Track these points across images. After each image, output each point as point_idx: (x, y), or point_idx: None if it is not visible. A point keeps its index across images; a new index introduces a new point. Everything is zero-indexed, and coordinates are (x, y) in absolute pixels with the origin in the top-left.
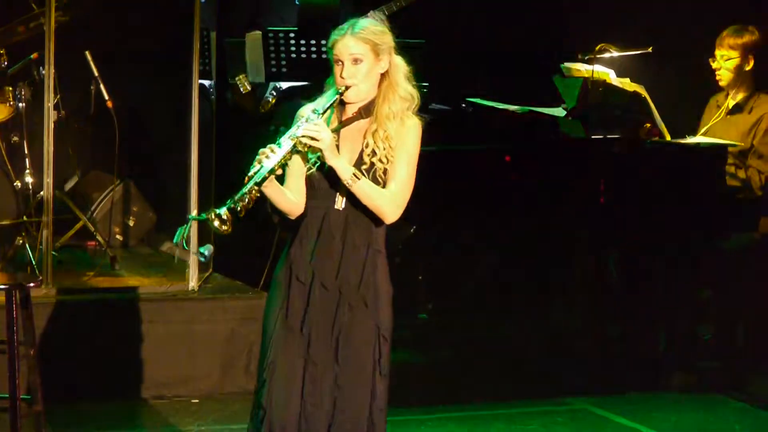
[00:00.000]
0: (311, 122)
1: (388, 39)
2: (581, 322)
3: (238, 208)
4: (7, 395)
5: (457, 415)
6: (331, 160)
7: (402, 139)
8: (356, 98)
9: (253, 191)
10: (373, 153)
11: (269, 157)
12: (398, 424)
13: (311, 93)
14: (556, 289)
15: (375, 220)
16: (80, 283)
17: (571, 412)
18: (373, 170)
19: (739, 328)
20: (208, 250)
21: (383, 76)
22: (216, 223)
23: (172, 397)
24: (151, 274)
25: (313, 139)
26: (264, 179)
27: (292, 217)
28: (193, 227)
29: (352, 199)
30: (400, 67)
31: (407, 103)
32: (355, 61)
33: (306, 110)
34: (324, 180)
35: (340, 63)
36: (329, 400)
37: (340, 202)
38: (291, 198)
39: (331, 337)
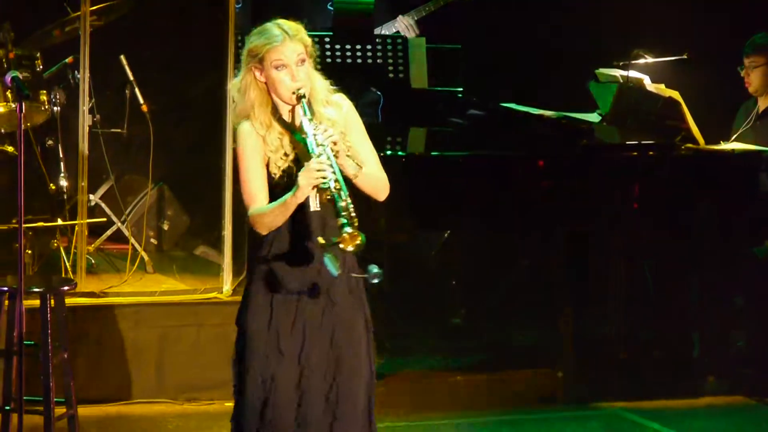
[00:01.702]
0: (321, 129)
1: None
2: (615, 328)
3: (355, 220)
4: (41, 398)
5: (491, 419)
6: (343, 158)
7: (348, 121)
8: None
9: (348, 198)
10: (333, 144)
11: (327, 169)
12: (428, 428)
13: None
14: (591, 294)
15: None
16: (114, 287)
17: (604, 417)
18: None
19: None
20: (376, 268)
21: None
22: (350, 247)
23: (205, 400)
24: (186, 277)
25: (334, 144)
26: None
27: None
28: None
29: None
30: (313, 55)
31: (327, 87)
32: (302, 62)
33: (248, 128)
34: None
35: (283, 67)
36: (325, 401)
37: (315, 203)
38: None
39: (327, 336)
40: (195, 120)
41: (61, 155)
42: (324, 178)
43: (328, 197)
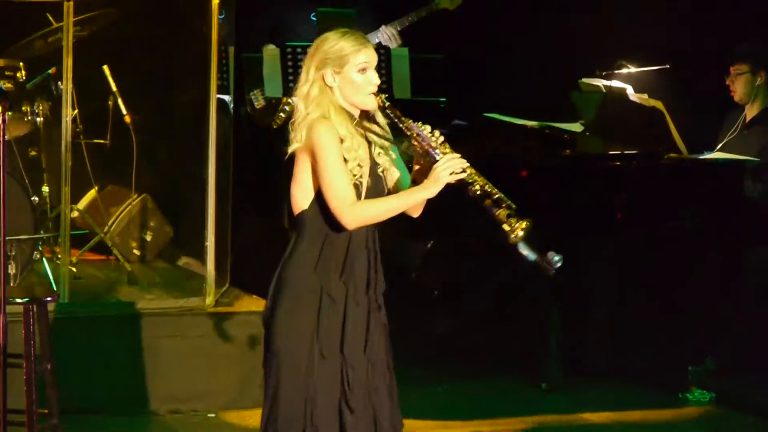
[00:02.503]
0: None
1: None
2: (599, 338)
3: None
4: (24, 409)
5: (474, 430)
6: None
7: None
8: None
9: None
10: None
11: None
12: None
13: None
14: (574, 304)
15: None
16: (97, 298)
17: (589, 428)
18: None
19: (759, 345)
20: (557, 255)
21: None
22: (521, 233)
23: (188, 411)
24: (169, 288)
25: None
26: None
27: None
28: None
29: None
30: None
31: None
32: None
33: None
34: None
35: (369, 70)
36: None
37: None
38: None
39: (372, 349)
40: (178, 131)
41: (44, 166)
42: (465, 170)
43: (477, 191)
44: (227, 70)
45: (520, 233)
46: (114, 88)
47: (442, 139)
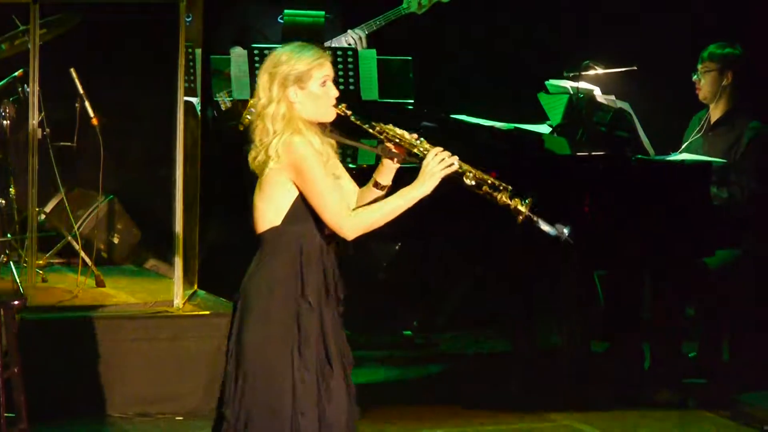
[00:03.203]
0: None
1: None
2: (566, 338)
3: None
4: None
5: (444, 430)
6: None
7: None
8: None
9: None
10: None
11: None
12: None
13: None
14: (541, 305)
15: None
16: (65, 301)
17: (556, 428)
18: None
19: (723, 345)
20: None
21: None
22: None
23: (156, 414)
24: (136, 291)
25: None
26: None
27: None
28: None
29: None
30: None
31: None
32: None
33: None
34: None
35: (330, 82)
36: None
37: None
38: None
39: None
40: (146, 133)
41: (10, 169)
42: (453, 163)
43: (472, 180)
44: (195, 73)
45: (526, 210)
46: (81, 90)
47: (416, 135)
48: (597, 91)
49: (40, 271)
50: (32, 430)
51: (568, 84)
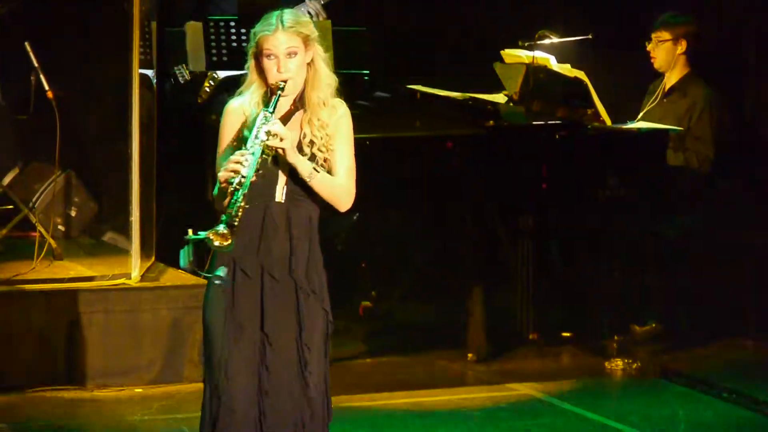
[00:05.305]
0: (271, 123)
1: (312, 28)
2: (524, 308)
3: (235, 222)
4: None
5: (401, 401)
6: (292, 158)
7: (337, 126)
8: (293, 90)
9: (243, 201)
10: (312, 143)
11: (244, 165)
12: (336, 412)
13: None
14: (499, 275)
15: (312, 209)
16: (22, 274)
17: (515, 398)
18: (314, 160)
19: (682, 313)
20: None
21: (309, 64)
22: (216, 242)
23: (114, 386)
24: (94, 264)
25: (281, 140)
26: (248, 187)
27: None
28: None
29: (291, 191)
30: (321, 53)
31: (331, 89)
32: (290, 54)
33: (235, 105)
34: (263, 174)
35: (273, 57)
36: (289, 387)
37: (281, 195)
38: None
39: (292, 327)
40: (102, 106)
41: None
42: (234, 173)
43: (230, 191)
44: (150, 45)
45: (216, 244)
46: (36, 63)
47: (277, 143)
48: (552, 60)
49: None
50: None
51: (523, 53)
